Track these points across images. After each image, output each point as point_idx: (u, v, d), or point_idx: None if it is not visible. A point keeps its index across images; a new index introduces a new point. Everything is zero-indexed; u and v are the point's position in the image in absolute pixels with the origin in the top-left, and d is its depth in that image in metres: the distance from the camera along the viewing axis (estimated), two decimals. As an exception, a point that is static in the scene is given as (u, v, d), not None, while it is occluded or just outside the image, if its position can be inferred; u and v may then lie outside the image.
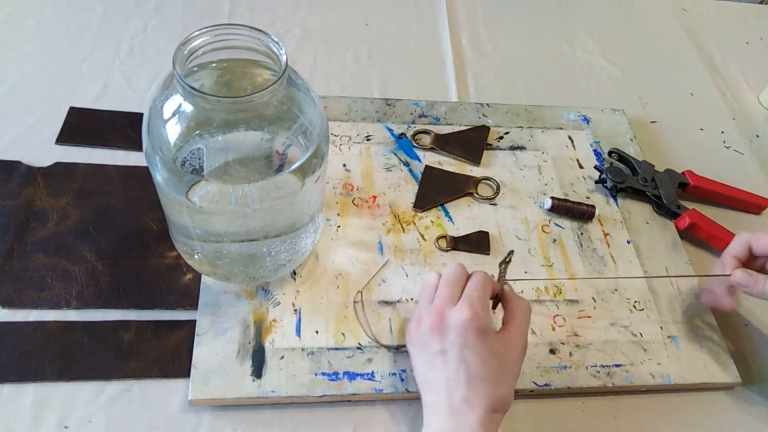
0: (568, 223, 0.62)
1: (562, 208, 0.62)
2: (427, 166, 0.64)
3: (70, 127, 0.63)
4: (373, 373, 0.49)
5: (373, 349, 0.51)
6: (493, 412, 0.43)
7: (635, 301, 0.57)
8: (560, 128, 0.71)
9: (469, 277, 0.48)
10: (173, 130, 0.41)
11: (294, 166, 0.43)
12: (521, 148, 0.69)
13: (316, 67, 0.76)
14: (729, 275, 0.52)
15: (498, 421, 0.44)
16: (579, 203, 0.63)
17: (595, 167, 0.67)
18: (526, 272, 0.58)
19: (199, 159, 0.41)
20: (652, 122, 0.78)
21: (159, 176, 0.42)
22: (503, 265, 0.53)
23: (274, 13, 0.82)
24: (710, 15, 0.96)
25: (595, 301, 0.57)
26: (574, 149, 0.70)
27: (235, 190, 0.42)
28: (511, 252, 0.53)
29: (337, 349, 0.50)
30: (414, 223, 0.60)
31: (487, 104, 0.72)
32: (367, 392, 0.48)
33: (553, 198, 0.62)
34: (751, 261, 0.53)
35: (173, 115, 0.40)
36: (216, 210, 0.43)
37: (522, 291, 0.56)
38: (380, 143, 0.66)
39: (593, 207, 0.63)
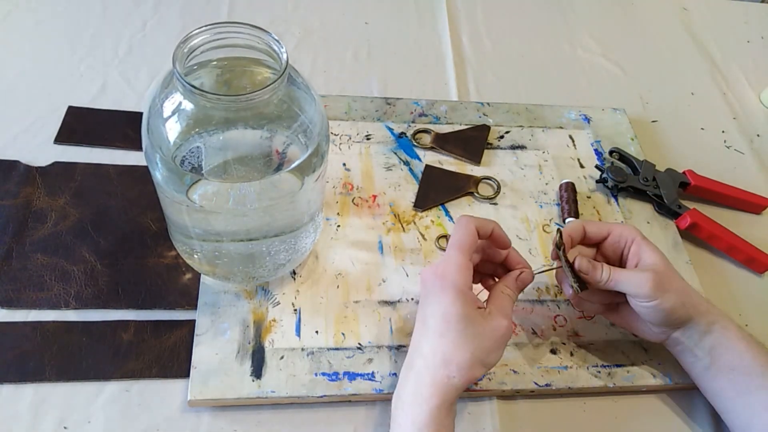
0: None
1: (569, 198, 0.62)
2: (427, 166, 0.64)
3: (68, 126, 0.63)
4: (373, 373, 0.49)
5: (373, 349, 0.51)
6: (448, 375, 0.41)
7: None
8: (561, 127, 0.71)
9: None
10: (173, 129, 0.40)
11: (294, 165, 0.42)
12: (522, 147, 0.68)
13: (316, 66, 0.76)
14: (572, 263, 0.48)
15: (454, 388, 0.41)
16: (576, 202, 0.63)
17: (596, 167, 0.66)
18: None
19: (199, 157, 0.41)
20: (653, 121, 0.77)
21: (159, 175, 0.42)
22: (560, 248, 0.49)
23: (274, 11, 0.81)
24: (711, 14, 0.96)
25: (596, 300, 0.57)
26: (575, 148, 0.69)
27: (235, 188, 0.41)
28: (558, 231, 0.49)
29: (337, 349, 0.50)
30: (414, 223, 0.60)
31: (488, 103, 0.72)
32: (368, 392, 0.48)
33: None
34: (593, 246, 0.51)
35: (173, 113, 0.40)
36: (215, 209, 0.43)
37: (523, 291, 0.55)
38: (380, 142, 0.66)
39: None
